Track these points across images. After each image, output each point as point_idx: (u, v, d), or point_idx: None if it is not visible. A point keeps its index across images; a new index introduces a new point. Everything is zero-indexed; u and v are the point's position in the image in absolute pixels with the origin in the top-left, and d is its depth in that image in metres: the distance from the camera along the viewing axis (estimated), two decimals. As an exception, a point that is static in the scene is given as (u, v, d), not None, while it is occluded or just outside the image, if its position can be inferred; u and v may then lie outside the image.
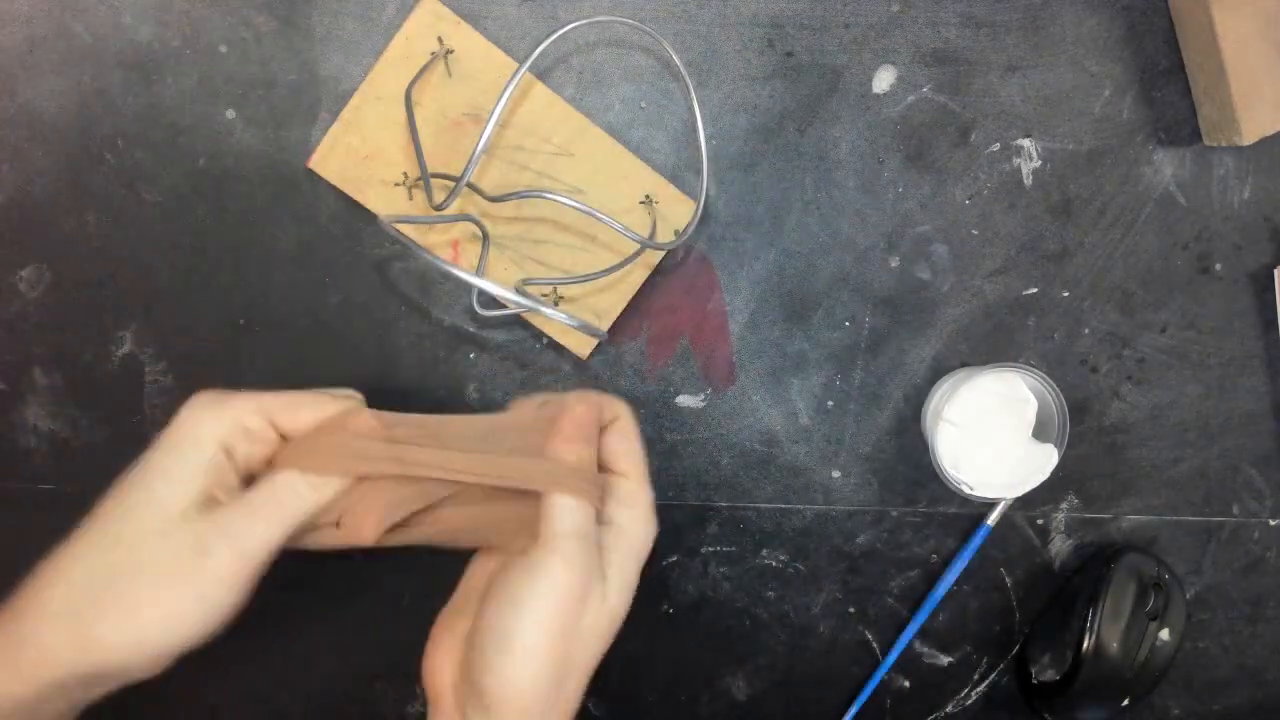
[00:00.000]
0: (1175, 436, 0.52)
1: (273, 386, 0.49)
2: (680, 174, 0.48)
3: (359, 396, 0.40)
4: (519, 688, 0.33)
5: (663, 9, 0.47)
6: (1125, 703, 0.51)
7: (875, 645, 0.54)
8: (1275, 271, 0.50)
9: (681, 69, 0.44)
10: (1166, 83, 0.49)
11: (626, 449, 0.39)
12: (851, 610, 0.53)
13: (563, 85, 0.47)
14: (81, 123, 0.47)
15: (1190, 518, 0.54)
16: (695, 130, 0.46)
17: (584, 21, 0.45)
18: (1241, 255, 0.51)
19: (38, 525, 0.50)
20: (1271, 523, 0.54)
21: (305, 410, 0.37)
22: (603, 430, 0.40)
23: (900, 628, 0.53)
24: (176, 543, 0.33)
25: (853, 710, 0.54)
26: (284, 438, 0.37)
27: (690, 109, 0.47)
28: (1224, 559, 0.54)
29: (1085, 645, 0.50)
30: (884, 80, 0.48)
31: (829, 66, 0.48)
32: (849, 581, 0.53)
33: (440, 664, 0.36)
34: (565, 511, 0.36)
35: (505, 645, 0.34)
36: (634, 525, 0.38)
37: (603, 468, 0.39)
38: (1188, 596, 0.53)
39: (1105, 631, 0.50)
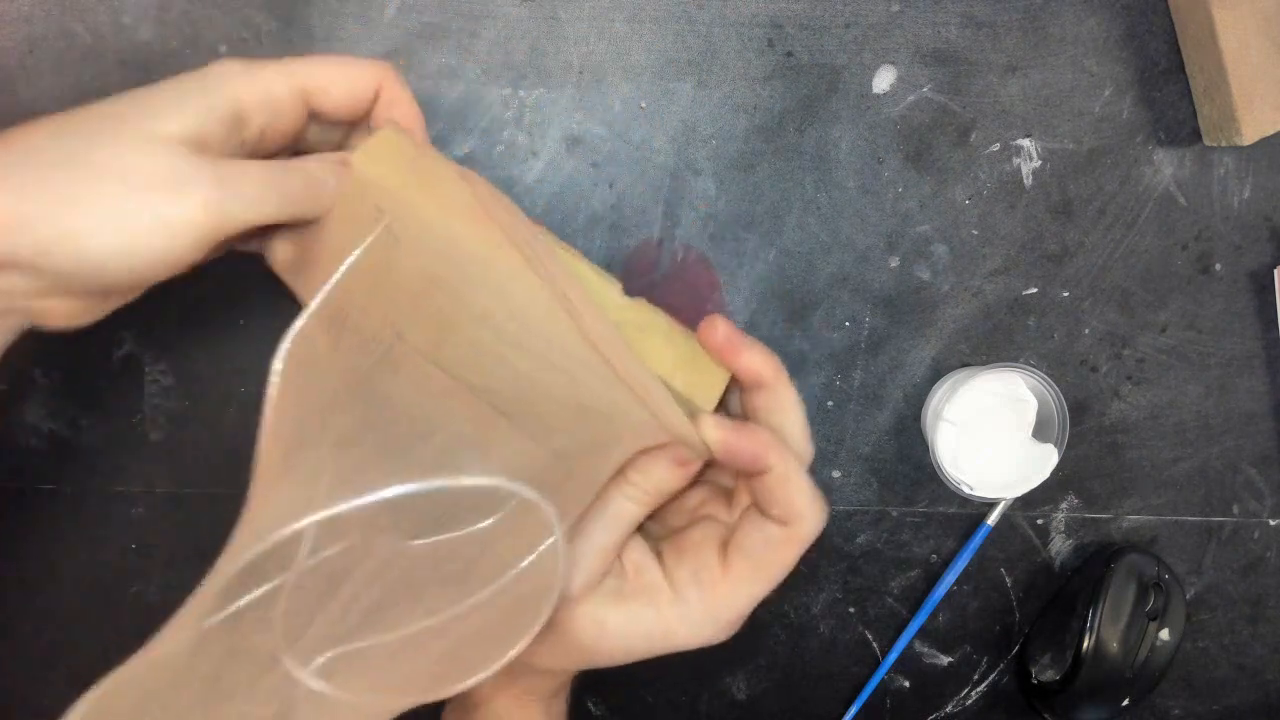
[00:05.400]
0: (1175, 436, 0.52)
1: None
2: (680, 173, 0.48)
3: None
4: None
5: (663, 9, 0.47)
6: (1125, 703, 0.51)
7: (875, 645, 0.54)
8: (1275, 271, 0.50)
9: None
10: (1166, 83, 0.49)
11: (785, 419, 0.34)
12: (851, 610, 0.53)
13: (562, 85, 0.47)
14: (81, 123, 0.47)
15: (1190, 518, 0.54)
16: (694, 132, 0.46)
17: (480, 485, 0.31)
18: (1241, 255, 0.51)
19: (38, 525, 0.50)
20: (1271, 523, 0.54)
21: (338, 86, 0.34)
22: (746, 389, 0.35)
23: (900, 628, 0.53)
24: (156, 163, 0.30)
25: (853, 710, 0.54)
26: (314, 120, 0.34)
27: (690, 110, 0.47)
28: (1224, 559, 0.54)
29: (1085, 645, 0.50)
30: (884, 80, 0.48)
31: (829, 66, 0.48)
32: (849, 581, 0.53)
33: None
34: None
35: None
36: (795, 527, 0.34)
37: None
38: (1188, 596, 0.53)
39: (1105, 631, 0.50)
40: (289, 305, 0.49)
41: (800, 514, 0.34)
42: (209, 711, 0.30)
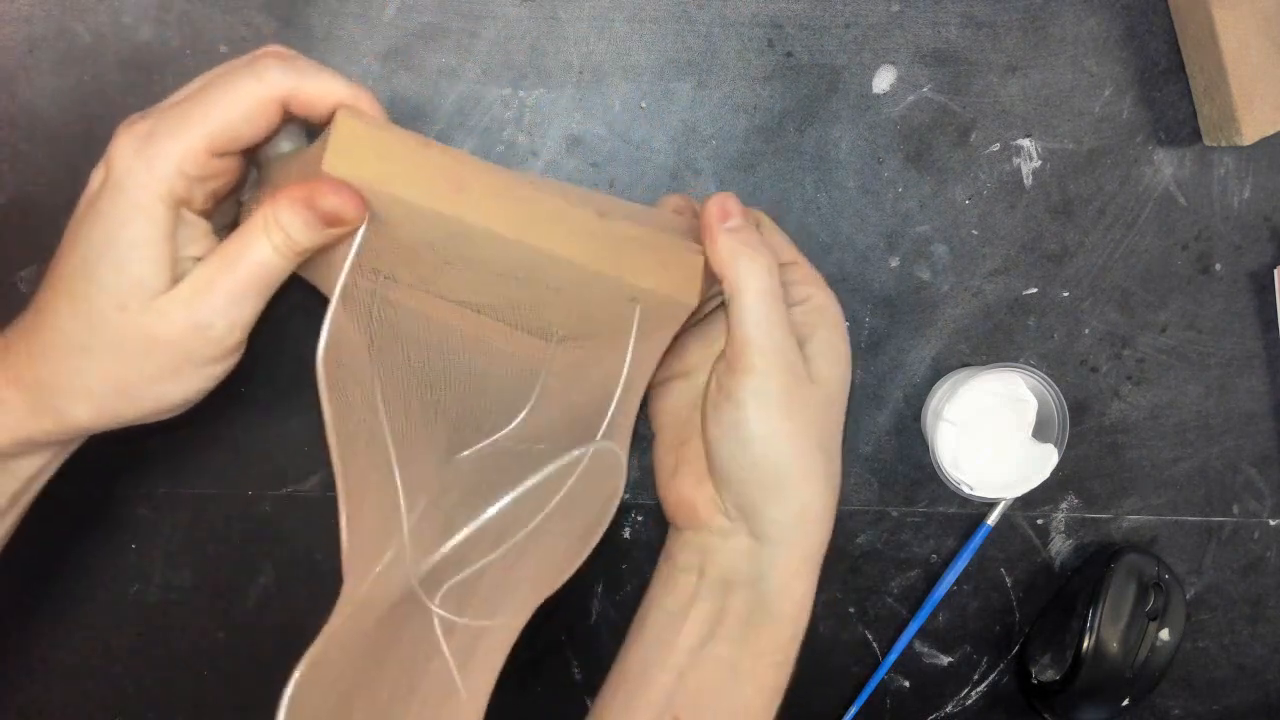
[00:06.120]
0: (1175, 436, 0.52)
1: (276, 384, 0.50)
2: (680, 173, 0.48)
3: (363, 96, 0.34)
4: (764, 479, 0.37)
5: (663, 9, 0.47)
6: (1125, 703, 0.51)
7: (875, 645, 0.54)
8: (1275, 271, 0.50)
9: None
10: (1166, 83, 0.49)
11: (781, 241, 0.41)
12: (851, 610, 0.53)
13: (562, 85, 0.47)
14: (81, 123, 0.47)
15: (1190, 518, 0.54)
16: (694, 132, 0.46)
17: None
18: (1241, 255, 0.51)
19: (38, 525, 0.50)
20: (1271, 523, 0.54)
21: (248, 123, 0.33)
22: None
23: (900, 628, 0.53)
24: (163, 331, 0.33)
25: (853, 710, 0.54)
26: (251, 150, 0.34)
27: (690, 109, 0.47)
28: (1224, 559, 0.54)
29: (1085, 645, 0.50)
30: (884, 80, 0.48)
31: (829, 66, 0.48)
32: (849, 581, 0.53)
33: (677, 490, 0.41)
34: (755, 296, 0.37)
35: (733, 436, 0.37)
36: (825, 297, 0.40)
37: None
38: (1188, 596, 0.53)
39: (1105, 631, 0.50)
40: (286, 304, 0.49)
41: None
42: (390, 673, 0.36)
